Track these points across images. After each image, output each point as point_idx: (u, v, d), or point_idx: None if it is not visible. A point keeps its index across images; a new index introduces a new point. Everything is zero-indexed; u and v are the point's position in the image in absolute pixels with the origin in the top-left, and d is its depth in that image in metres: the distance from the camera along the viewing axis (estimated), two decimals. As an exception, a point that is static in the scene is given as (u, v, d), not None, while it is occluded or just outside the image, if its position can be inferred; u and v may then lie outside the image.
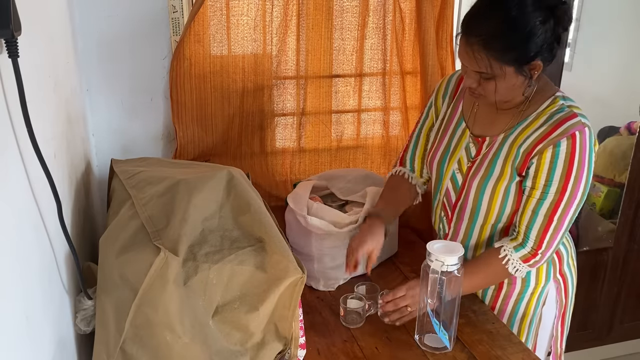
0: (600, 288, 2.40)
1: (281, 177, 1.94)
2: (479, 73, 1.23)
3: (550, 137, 1.24)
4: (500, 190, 1.32)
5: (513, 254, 1.31)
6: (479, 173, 1.34)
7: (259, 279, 1.08)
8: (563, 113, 1.25)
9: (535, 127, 1.27)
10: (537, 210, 1.27)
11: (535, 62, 1.20)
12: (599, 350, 2.54)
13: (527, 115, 1.30)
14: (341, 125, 1.95)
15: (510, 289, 1.44)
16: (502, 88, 1.23)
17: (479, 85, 1.25)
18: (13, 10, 0.68)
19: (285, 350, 1.14)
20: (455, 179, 1.41)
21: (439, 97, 1.49)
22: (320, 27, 1.78)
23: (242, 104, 1.80)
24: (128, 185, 1.19)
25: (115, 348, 1.00)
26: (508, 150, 1.30)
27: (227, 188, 1.15)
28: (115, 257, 1.02)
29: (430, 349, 1.30)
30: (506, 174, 1.31)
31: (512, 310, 1.45)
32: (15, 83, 0.72)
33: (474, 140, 1.37)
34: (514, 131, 1.31)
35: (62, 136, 1.17)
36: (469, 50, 1.20)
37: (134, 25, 1.65)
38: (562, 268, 1.45)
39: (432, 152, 1.47)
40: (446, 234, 1.48)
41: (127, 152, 1.75)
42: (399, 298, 1.32)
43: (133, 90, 1.72)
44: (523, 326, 1.46)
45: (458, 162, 1.40)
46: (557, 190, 1.25)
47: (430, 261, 1.24)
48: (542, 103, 1.29)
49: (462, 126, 1.41)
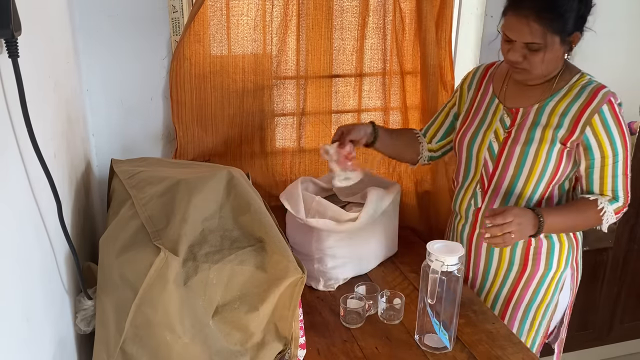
0: (600, 288, 2.40)
1: (281, 177, 1.94)
2: (526, 46, 1.32)
3: (592, 105, 1.35)
4: (542, 154, 1.40)
5: (608, 207, 1.40)
6: (519, 140, 1.43)
7: (259, 279, 1.08)
8: (594, 85, 1.38)
9: (572, 97, 1.38)
10: (616, 172, 1.40)
11: (576, 33, 1.34)
12: (599, 350, 2.54)
13: (558, 89, 1.41)
14: (341, 125, 1.95)
15: (533, 271, 1.50)
16: (548, 59, 1.34)
17: (524, 59, 1.35)
18: (13, 10, 0.68)
19: (285, 350, 1.14)
20: (492, 148, 1.48)
21: (465, 83, 1.62)
22: (320, 27, 1.78)
23: (242, 104, 1.80)
24: (128, 185, 1.19)
25: (115, 348, 1.00)
26: (547, 118, 1.40)
27: (227, 188, 1.15)
28: (115, 257, 1.02)
29: (430, 349, 1.30)
30: (546, 139, 1.39)
31: (531, 295, 1.51)
32: (15, 83, 0.72)
33: (508, 111, 1.47)
34: (549, 102, 1.41)
35: (62, 136, 1.17)
36: (523, 22, 1.30)
37: (134, 25, 1.65)
38: (577, 255, 1.54)
39: (462, 132, 1.55)
40: (478, 209, 1.53)
41: (127, 152, 1.75)
42: (507, 223, 1.30)
43: (133, 90, 1.72)
44: (539, 311, 1.52)
45: (494, 132, 1.48)
46: (622, 148, 1.38)
47: (430, 261, 1.24)
48: (571, 78, 1.41)
49: (495, 102, 1.51)
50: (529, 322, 1.53)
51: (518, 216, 1.31)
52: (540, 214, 1.35)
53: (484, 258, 1.54)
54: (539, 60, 1.34)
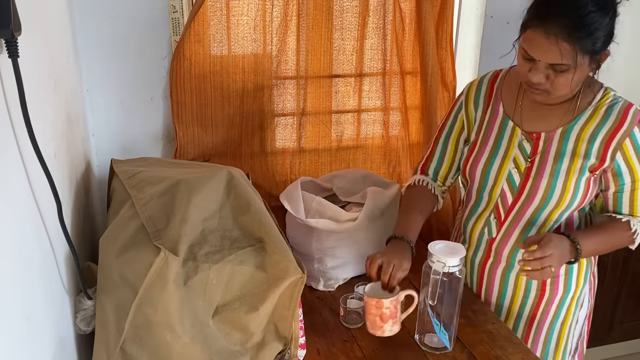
0: (600, 288, 2.39)
1: (281, 177, 1.94)
2: (551, 67, 1.20)
3: (623, 129, 1.27)
4: (570, 186, 1.31)
5: None
6: (544, 170, 1.32)
7: (259, 279, 1.08)
8: (621, 103, 1.29)
9: (599, 119, 1.29)
10: None
11: (605, 51, 1.23)
12: (599, 350, 2.53)
13: (583, 109, 1.31)
14: (341, 126, 1.95)
15: (552, 295, 1.43)
16: (576, 80, 1.22)
17: (547, 80, 1.22)
18: (13, 10, 0.68)
19: (285, 350, 1.14)
20: (512, 179, 1.36)
21: (470, 101, 1.45)
22: (320, 27, 1.78)
23: (242, 104, 1.80)
24: (128, 185, 1.19)
25: (115, 348, 1.00)
26: (574, 145, 1.30)
27: (227, 188, 1.15)
28: (115, 257, 1.02)
29: (430, 349, 1.30)
30: (574, 171, 1.30)
31: (553, 316, 1.44)
32: (15, 83, 0.72)
33: (527, 136, 1.35)
34: (575, 125, 1.31)
35: (62, 136, 1.17)
36: (552, 41, 1.16)
37: (134, 25, 1.65)
38: (594, 268, 1.48)
39: (474, 159, 1.41)
40: (492, 239, 1.43)
41: (127, 152, 1.75)
42: (547, 257, 1.21)
43: (133, 90, 1.72)
44: (563, 331, 1.46)
45: (514, 161, 1.36)
46: None
47: (432, 262, 1.24)
48: (594, 95, 1.31)
49: (510, 125, 1.37)
50: (553, 343, 1.47)
51: (558, 247, 1.23)
52: (577, 242, 1.27)
53: (498, 285, 1.47)
54: (565, 82, 1.21)
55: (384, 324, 1.26)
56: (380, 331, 1.27)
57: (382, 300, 1.24)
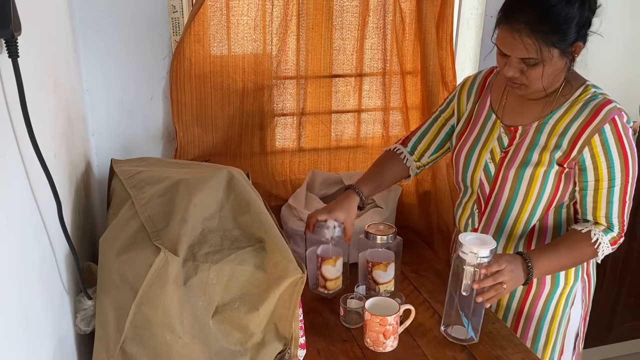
0: (600, 288, 2.40)
1: (281, 177, 1.94)
2: (523, 61, 1.23)
3: (593, 124, 1.26)
4: (538, 177, 1.33)
5: (603, 237, 1.32)
6: (515, 161, 1.35)
7: (259, 279, 1.08)
8: (598, 100, 1.28)
9: (573, 115, 1.30)
10: (611, 199, 1.30)
11: (577, 43, 1.24)
12: (599, 350, 2.54)
13: (560, 104, 1.32)
14: (341, 125, 1.95)
15: (539, 289, 1.44)
16: (548, 73, 1.24)
17: (521, 75, 1.26)
18: (13, 10, 0.68)
19: (285, 350, 1.14)
20: (488, 169, 1.41)
21: (464, 92, 1.52)
22: (320, 27, 1.78)
23: (242, 104, 1.80)
24: (128, 185, 1.19)
25: (115, 348, 1.00)
26: (546, 138, 1.32)
27: (227, 188, 1.15)
28: (115, 257, 1.02)
29: (457, 341, 1.31)
30: (544, 161, 1.32)
31: (541, 311, 1.46)
32: (15, 83, 0.72)
33: (506, 130, 1.39)
34: (549, 119, 1.33)
35: (62, 136, 1.17)
36: (517, 37, 1.20)
37: (134, 25, 1.65)
38: (588, 268, 1.47)
39: (459, 146, 1.48)
40: (475, 229, 1.48)
41: (127, 152, 1.75)
42: (499, 272, 1.23)
43: (133, 90, 1.72)
44: (552, 327, 1.47)
45: (490, 152, 1.40)
46: (621, 173, 1.28)
47: (463, 253, 1.23)
48: (574, 91, 1.32)
49: (493, 118, 1.42)
50: (543, 338, 1.48)
51: (510, 263, 1.24)
52: (529, 259, 1.27)
53: None
54: (537, 76, 1.24)
55: (386, 340, 1.27)
56: (382, 347, 1.28)
57: (386, 318, 1.25)
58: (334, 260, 1.43)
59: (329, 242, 1.42)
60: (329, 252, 1.44)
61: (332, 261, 1.43)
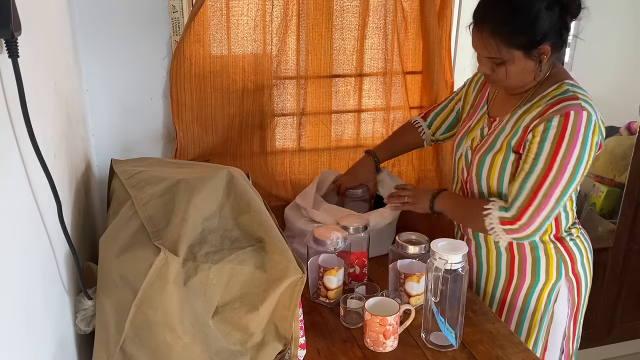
0: (600, 288, 2.40)
1: (281, 177, 1.94)
2: (491, 59, 1.31)
3: (546, 114, 1.29)
4: (496, 164, 1.38)
5: (495, 212, 1.35)
6: (482, 148, 1.43)
7: (259, 279, 1.08)
8: (564, 95, 1.30)
9: (538, 107, 1.33)
10: (524, 184, 1.31)
11: (543, 46, 1.27)
12: (599, 350, 2.54)
13: (533, 98, 1.36)
14: (341, 125, 1.95)
15: (520, 282, 1.48)
16: (512, 72, 1.31)
17: (492, 72, 1.33)
18: (13, 10, 0.68)
19: (285, 350, 1.14)
20: (467, 156, 1.49)
21: (472, 83, 1.61)
22: (320, 27, 1.78)
23: (242, 104, 1.80)
24: (128, 185, 1.19)
25: (115, 348, 1.00)
26: (510, 128, 1.38)
27: (227, 188, 1.15)
28: (115, 257, 1.02)
29: (436, 347, 1.30)
30: (503, 148, 1.37)
31: (522, 304, 1.49)
32: (15, 83, 0.72)
33: (488, 121, 1.46)
34: (518, 111, 1.38)
35: (62, 136, 1.17)
36: (480, 37, 1.29)
37: (134, 25, 1.65)
38: (575, 267, 1.48)
39: (456, 135, 1.57)
40: None
41: (127, 152, 1.75)
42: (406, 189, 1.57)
43: (133, 90, 1.72)
44: (534, 322, 1.49)
45: (472, 140, 1.48)
46: (544, 165, 1.28)
47: (434, 259, 1.24)
48: (547, 89, 1.35)
49: (484, 110, 1.50)
50: (525, 330, 1.50)
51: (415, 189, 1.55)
52: (436, 193, 1.48)
53: (476, 264, 1.55)
54: (503, 74, 1.31)
55: (386, 341, 1.27)
56: (382, 347, 1.28)
57: (386, 318, 1.25)
58: (336, 271, 1.43)
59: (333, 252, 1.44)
60: (331, 262, 1.44)
61: (334, 271, 1.43)
